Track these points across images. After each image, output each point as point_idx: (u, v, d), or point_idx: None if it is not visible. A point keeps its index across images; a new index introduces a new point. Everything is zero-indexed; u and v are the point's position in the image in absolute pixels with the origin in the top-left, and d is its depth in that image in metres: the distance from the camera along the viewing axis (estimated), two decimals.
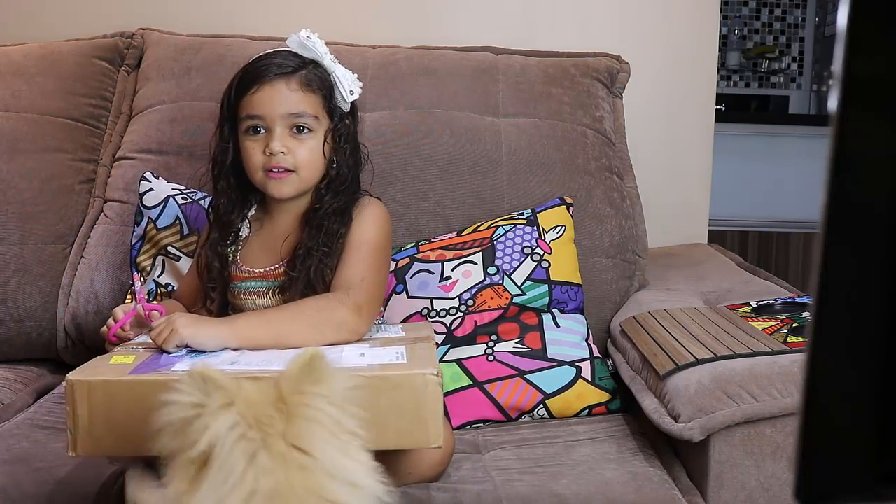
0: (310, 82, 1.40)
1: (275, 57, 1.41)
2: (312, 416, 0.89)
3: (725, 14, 4.56)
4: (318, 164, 1.41)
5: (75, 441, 1.09)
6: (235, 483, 0.84)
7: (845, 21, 0.43)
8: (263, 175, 1.40)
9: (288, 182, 1.40)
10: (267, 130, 1.39)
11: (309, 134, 1.40)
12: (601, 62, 1.96)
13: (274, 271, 1.43)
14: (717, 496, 1.29)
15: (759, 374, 1.28)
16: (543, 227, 1.71)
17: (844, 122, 0.44)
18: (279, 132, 1.38)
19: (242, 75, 1.41)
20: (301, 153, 1.39)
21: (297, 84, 1.39)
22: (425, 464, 1.28)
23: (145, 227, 1.72)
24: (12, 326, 1.75)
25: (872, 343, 0.46)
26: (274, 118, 1.38)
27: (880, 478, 0.47)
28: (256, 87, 1.38)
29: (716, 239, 2.42)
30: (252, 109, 1.38)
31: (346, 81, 1.43)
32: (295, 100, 1.38)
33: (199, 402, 0.86)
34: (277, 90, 1.38)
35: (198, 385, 0.87)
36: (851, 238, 0.45)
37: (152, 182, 1.75)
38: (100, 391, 1.09)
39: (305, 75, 1.40)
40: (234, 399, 0.87)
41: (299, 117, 1.39)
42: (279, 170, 1.38)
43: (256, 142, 1.39)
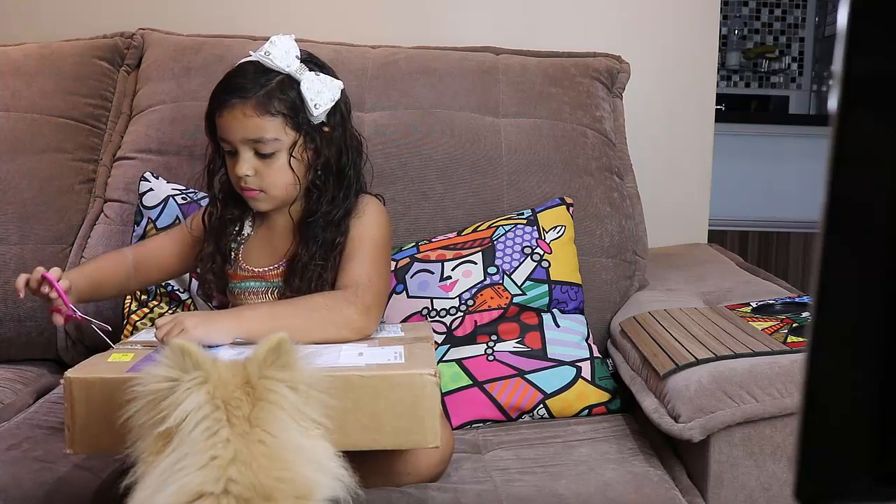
0: (266, 105, 1.36)
1: (238, 77, 1.38)
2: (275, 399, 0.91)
3: (725, 14, 4.56)
4: (289, 181, 1.39)
5: (73, 438, 1.10)
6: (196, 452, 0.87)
7: (845, 21, 0.43)
8: (240, 191, 1.41)
9: (261, 200, 1.41)
10: (236, 152, 1.39)
11: (273, 155, 1.37)
12: (601, 62, 1.96)
13: (272, 272, 1.44)
14: (717, 496, 1.29)
15: (759, 374, 1.28)
16: (543, 227, 1.71)
17: (844, 122, 0.44)
18: (244, 155, 1.37)
19: (212, 97, 1.40)
20: (267, 175, 1.38)
21: (251, 109, 1.35)
22: (424, 464, 1.28)
23: (145, 227, 1.72)
24: (12, 326, 1.75)
25: (872, 343, 0.46)
26: (235, 142, 1.37)
27: (880, 478, 0.47)
28: (219, 111, 1.38)
29: (716, 239, 2.42)
30: (221, 132, 1.39)
31: (309, 94, 1.38)
32: (251, 126, 1.36)
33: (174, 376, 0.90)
34: (234, 116, 1.36)
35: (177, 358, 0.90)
36: (851, 238, 0.45)
37: (152, 182, 1.75)
38: (97, 388, 1.09)
39: (262, 98, 1.36)
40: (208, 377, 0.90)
41: (258, 143, 1.37)
42: (250, 190, 1.39)
43: (231, 161, 1.40)
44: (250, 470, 0.87)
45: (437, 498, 1.25)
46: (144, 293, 1.70)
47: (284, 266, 1.43)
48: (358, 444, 1.09)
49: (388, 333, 1.35)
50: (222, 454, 0.87)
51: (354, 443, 1.08)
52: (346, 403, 1.08)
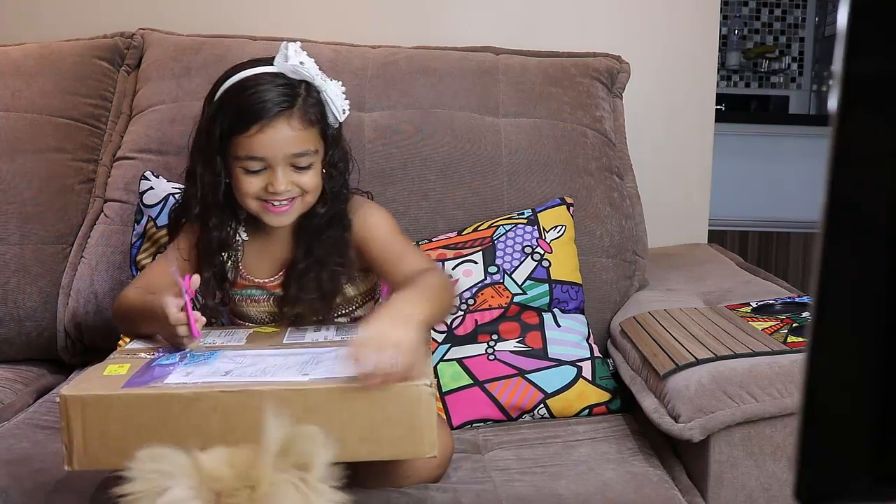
0: (308, 116, 1.33)
1: (268, 88, 1.31)
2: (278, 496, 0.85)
3: (725, 14, 4.56)
4: (319, 186, 1.37)
5: (71, 456, 1.09)
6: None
7: (845, 21, 0.43)
8: (259, 204, 1.35)
9: (291, 212, 1.36)
10: (267, 168, 1.32)
11: (310, 167, 1.35)
12: (601, 62, 1.96)
13: (273, 282, 1.43)
14: (717, 496, 1.29)
15: (759, 374, 1.28)
16: (544, 226, 1.71)
17: (844, 122, 0.44)
18: (282, 171, 1.32)
19: (237, 109, 1.31)
20: (304, 182, 1.34)
21: (298, 122, 1.31)
22: (423, 467, 1.28)
23: (145, 225, 1.72)
24: (12, 326, 1.75)
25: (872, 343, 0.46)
26: (276, 159, 1.31)
27: (880, 478, 0.47)
28: (257, 127, 1.29)
29: (716, 239, 2.42)
30: (252, 151, 1.31)
31: (337, 100, 1.36)
32: (298, 139, 1.32)
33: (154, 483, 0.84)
34: (280, 131, 1.30)
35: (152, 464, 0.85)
36: (851, 238, 0.45)
37: (152, 181, 1.75)
38: (93, 406, 1.09)
39: (303, 108, 1.32)
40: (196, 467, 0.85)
41: (302, 156, 1.33)
42: (281, 203, 1.34)
43: (255, 177, 1.33)
44: None
45: (437, 498, 1.25)
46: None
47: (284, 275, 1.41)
48: (356, 455, 1.09)
49: None
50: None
51: (353, 454, 1.08)
52: (343, 416, 1.08)
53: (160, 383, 1.12)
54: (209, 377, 1.14)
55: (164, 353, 1.23)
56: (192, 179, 1.39)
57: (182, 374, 1.14)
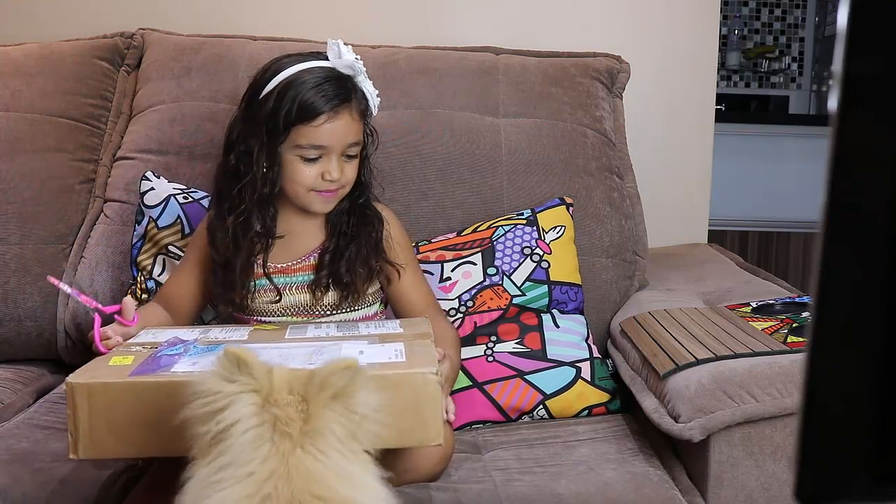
0: (362, 108, 1.43)
1: (330, 83, 1.39)
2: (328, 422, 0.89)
3: (725, 14, 4.56)
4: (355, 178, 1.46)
5: (76, 444, 1.09)
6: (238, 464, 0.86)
7: (845, 21, 0.43)
8: (311, 194, 1.42)
9: (334, 199, 1.44)
10: (324, 157, 1.40)
11: (356, 155, 1.45)
12: (601, 62, 1.96)
13: (299, 265, 1.46)
14: (717, 496, 1.29)
15: (759, 374, 1.28)
16: (543, 227, 1.71)
17: (844, 122, 0.44)
18: (336, 159, 1.41)
19: (303, 102, 1.37)
20: (350, 173, 1.43)
21: (356, 113, 1.42)
22: (423, 462, 1.28)
23: (146, 226, 1.72)
24: (12, 326, 1.75)
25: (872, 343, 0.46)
26: (336, 148, 1.40)
27: (880, 478, 0.47)
28: (324, 118, 1.38)
29: (716, 239, 2.42)
30: (316, 140, 1.38)
31: (374, 97, 1.46)
32: (356, 130, 1.42)
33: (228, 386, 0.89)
34: (343, 122, 1.40)
35: (231, 366, 0.89)
36: (851, 238, 0.45)
37: (153, 181, 1.75)
38: (100, 394, 1.09)
39: (358, 101, 1.42)
40: (259, 388, 0.89)
41: (356, 145, 1.43)
42: (331, 191, 1.42)
43: (311, 166, 1.40)
44: (288, 488, 0.86)
45: (437, 498, 1.25)
46: (146, 293, 1.69)
47: (316, 258, 1.46)
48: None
49: (388, 329, 1.36)
50: (259, 469, 0.86)
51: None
52: None
53: (166, 371, 1.12)
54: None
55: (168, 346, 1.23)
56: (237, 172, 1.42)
57: (188, 363, 1.14)
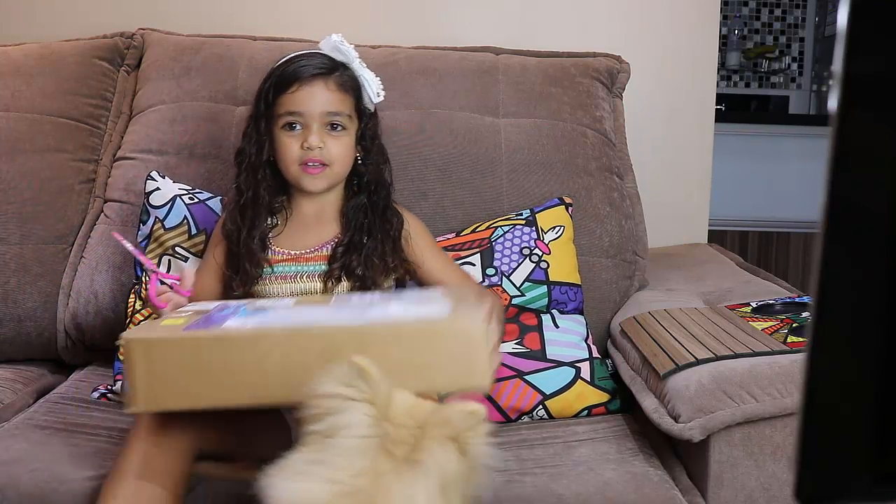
0: (344, 83, 1.48)
1: (311, 58, 1.48)
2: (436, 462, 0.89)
3: (725, 14, 4.56)
4: (349, 161, 1.50)
5: (135, 397, 1.12)
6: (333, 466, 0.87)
7: (845, 21, 0.43)
8: (298, 169, 1.46)
9: (322, 177, 1.47)
10: (304, 127, 1.46)
11: (343, 132, 1.48)
12: (601, 62, 1.96)
13: (313, 254, 1.48)
14: (717, 496, 1.29)
15: (759, 374, 1.28)
16: (542, 227, 1.71)
17: (844, 122, 0.44)
18: (316, 129, 1.45)
19: (281, 73, 1.47)
20: (335, 149, 1.46)
21: (334, 84, 1.46)
22: None
23: (152, 226, 1.72)
24: (12, 326, 1.75)
25: (872, 343, 0.46)
26: (313, 115, 1.45)
27: (880, 478, 0.47)
28: (297, 85, 1.45)
29: (716, 239, 2.41)
30: (292, 106, 1.45)
31: (373, 84, 1.51)
32: (332, 99, 1.46)
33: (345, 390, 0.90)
34: (317, 89, 1.45)
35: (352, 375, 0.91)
36: (851, 238, 0.45)
37: (158, 181, 1.74)
38: (157, 348, 1.12)
39: (340, 76, 1.48)
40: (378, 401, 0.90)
41: (336, 115, 1.46)
42: (315, 164, 1.45)
43: (293, 137, 1.46)
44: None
45: None
46: (146, 288, 1.69)
47: (330, 248, 1.48)
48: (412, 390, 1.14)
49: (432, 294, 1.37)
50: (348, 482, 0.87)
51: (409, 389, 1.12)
52: (398, 352, 1.11)
53: (218, 327, 1.15)
54: (266, 323, 1.17)
55: (217, 310, 1.26)
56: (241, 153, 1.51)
57: (238, 321, 1.17)
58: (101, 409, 1.56)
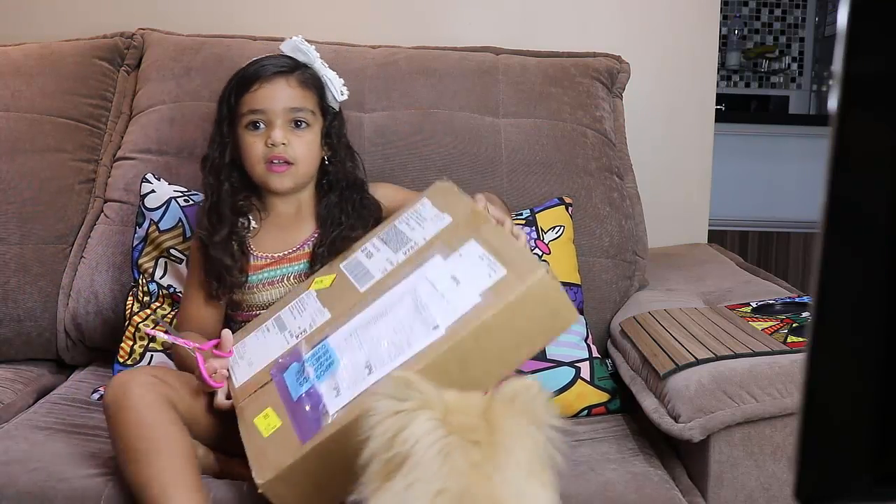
0: (305, 81, 1.49)
1: (271, 58, 1.50)
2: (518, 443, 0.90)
3: (725, 14, 4.56)
4: (315, 158, 1.50)
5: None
6: (427, 479, 0.86)
7: (845, 21, 0.43)
8: (264, 168, 1.47)
9: (287, 175, 1.47)
10: (267, 125, 1.46)
11: (306, 129, 1.48)
12: (601, 62, 1.96)
13: (293, 254, 1.49)
14: (717, 496, 1.29)
15: (759, 374, 1.28)
16: (542, 227, 1.71)
17: (844, 122, 0.44)
18: (279, 125, 1.45)
19: (242, 75, 1.49)
20: (299, 146, 1.47)
21: (295, 81, 1.48)
22: None
23: (147, 228, 1.72)
24: (12, 326, 1.75)
25: (872, 343, 0.46)
26: (275, 112, 1.45)
27: (880, 478, 0.47)
28: (258, 84, 1.46)
29: (716, 239, 2.41)
30: (254, 104, 1.46)
31: (336, 83, 1.52)
32: (294, 95, 1.47)
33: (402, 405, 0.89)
34: (278, 86, 1.46)
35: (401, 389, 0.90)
36: (851, 238, 0.45)
37: (153, 184, 1.74)
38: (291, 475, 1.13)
39: (301, 74, 1.49)
40: (433, 404, 0.89)
41: (298, 111, 1.47)
42: (279, 161, 1.45)
43: (257, 136, 1.46)
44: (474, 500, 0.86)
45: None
46: (147, 295, 1.69)
47: (310, 246, 1.48)
48: (522, 361, 1.19)
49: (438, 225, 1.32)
50: (451, 487, 0.86)
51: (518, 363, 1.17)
52: (495, 341, 1.12)
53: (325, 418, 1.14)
54: (357, 384, 1.14)
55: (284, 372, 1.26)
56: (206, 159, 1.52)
57: (332, 393, 1.16)
58: (100, 410, 1.55)
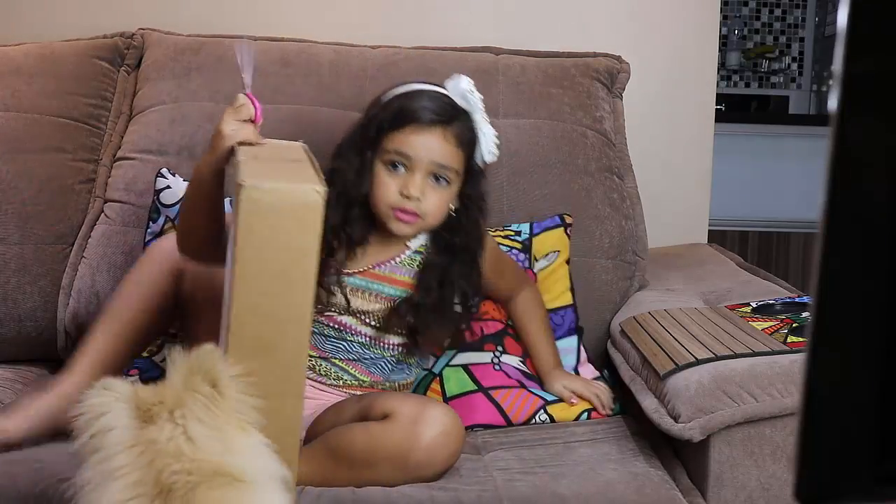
0: (461, 137, 1.41)
1: (434, 100, 1.41)
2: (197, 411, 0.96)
3: (725, 14, 4.55)
4: (443, 214, 1.44)
5: None
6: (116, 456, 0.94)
7: (845, 21, 0.43)
8: (390, 212, 1.40)
9: (412, 226, 1.42)
10: (408, 171, 1.39)
11: (445, 186, 1.42)
12: (601, 62, 1.96)
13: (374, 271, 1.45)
14: (717, 496, 1.29)
15: (759, 374, 1.28)
16: (535, 254, 1.71)
17: (844, 122, 0.44)
18: (420, 176, 1.38)
19: (399, 109, 1.40)
20: (432, 202, 1.40)
21: (451, 135, 1.40)
22: (427, 464, 1.28)
23: (163, 225, 1.71)
24: (12, 326, 1.75)
25: (872, 343, 0.46)
26: (421, 162, 1.38)
27: (880, 478, 0.47)
28: (413, 128, 1.38)
29: (716, 239, 2.41)
30: (402, 147, 1.39)
31: (490, 140, 1.44)
32: (445, 151, 1.39)
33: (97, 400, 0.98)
34: (433, 137, 1.39)
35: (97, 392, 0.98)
36: (851, 238, 0.45)
37: (169, 179, 1.74)
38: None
39: (460, 128, 1.41)
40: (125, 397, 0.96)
41: (444, 168, 1.40)
42: (408, 212, 1.39)
43: (394, 178, 1.39)
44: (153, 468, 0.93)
45: (438, 497, 1.25)
46: None
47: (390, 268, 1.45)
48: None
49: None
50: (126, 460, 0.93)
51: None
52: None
53: None
54: None
55: None
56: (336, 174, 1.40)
57: None
58: None
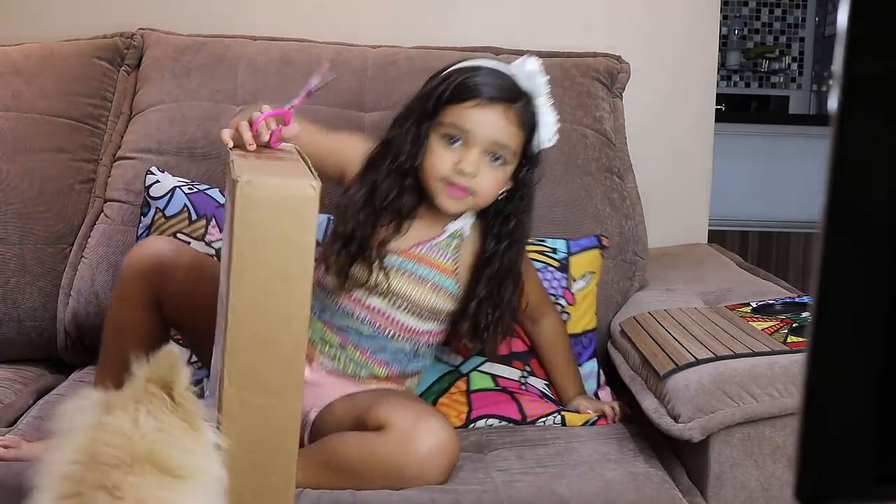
0: (522, 118, 1.38)
1: (499, 77, 1.38)
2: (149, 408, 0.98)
3: (725, 14, 4.55)
4: (494, 195, 1.41)
5: None
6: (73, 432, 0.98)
7: (845, 21, 0.43)
8: (441, 185, 1.37)
9: (462, 202, 1.39)
10: (464, 144, 1.36)
11: (501, 165, 1.39)
12: (601, 62, 1.96)
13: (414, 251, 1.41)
14: (717, 496, 1.29)
15: (759, 374, 1.28)
16: (573, 275, 1.69)
17: (844, 122, 0.44)
18: (477, 152, 1.35)
19: (461, 81, 1.37)
20: (486, 180, 1.38)
21: (513, 115, 1.37)
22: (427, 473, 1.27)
23: (153, 216, 1.72)
24: (12, 326, 1.75)
25: (872, 343, 0.46)
26: (479, 138, 1.35)
27: (880, 478, 0.47)
28: (475, 102, 1.35)
29: (716, 239, 2.41)
30: (461, 121, 1.36)
31: (550, 126, 1.42)
32: (505, 130, 1.36)
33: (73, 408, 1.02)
34: (494, 114, 1.35)
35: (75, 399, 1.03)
36: (851, 238, 0.45)
37: (157, 175, 1.76)
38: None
39: (523, 109, 1.38)
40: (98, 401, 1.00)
41: (502, 148, 1.37)
42: (460, 187, 1.36)
43: (449, 151, 1.36)
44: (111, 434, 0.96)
45: (439, 499, 1.25)
46: None
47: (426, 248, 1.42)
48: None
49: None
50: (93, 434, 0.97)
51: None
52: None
53: None
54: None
55: None
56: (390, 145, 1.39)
57: None
58: None
